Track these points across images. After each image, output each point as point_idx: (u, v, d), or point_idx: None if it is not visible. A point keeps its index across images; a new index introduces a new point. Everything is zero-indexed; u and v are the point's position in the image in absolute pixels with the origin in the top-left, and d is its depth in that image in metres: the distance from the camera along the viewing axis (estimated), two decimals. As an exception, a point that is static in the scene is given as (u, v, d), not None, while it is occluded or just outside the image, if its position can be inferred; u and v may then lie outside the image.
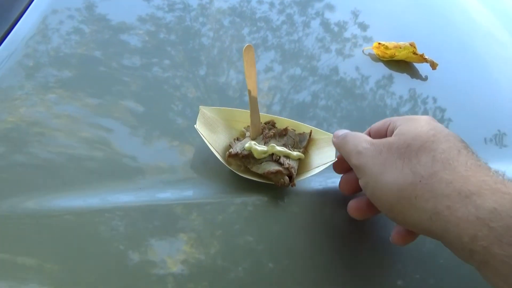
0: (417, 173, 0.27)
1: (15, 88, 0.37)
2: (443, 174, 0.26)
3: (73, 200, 0.31)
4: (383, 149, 0.29)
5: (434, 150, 0.27)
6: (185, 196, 0.33)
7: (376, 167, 0.29)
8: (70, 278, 0.28)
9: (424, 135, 0.28)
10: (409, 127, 0.30)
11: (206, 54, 0.46)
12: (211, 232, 0.32)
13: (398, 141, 0.29)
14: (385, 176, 0.28)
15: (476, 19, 0.67)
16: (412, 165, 0.27)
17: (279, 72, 0.47)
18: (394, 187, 0.27)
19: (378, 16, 0.60)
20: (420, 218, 0.26)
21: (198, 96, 0.41)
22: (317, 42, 0.52)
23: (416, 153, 0.28)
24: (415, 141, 0.28)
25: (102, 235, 0.30)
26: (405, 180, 0.27)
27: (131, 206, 0.32)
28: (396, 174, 0.27)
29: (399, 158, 0.28)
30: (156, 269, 0.29)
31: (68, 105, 0.37)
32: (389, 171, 0.28)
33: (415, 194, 0.26)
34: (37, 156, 0.33)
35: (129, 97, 0.39)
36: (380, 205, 0.29)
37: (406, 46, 0.52)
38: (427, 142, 0.28)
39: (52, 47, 0.41)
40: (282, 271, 0.32)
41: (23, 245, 0.29)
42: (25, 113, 0.35)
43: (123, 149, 0.35)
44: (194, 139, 0.37)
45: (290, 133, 0.38)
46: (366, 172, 0.29)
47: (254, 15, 0.53)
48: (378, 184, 0.28)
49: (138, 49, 0.44)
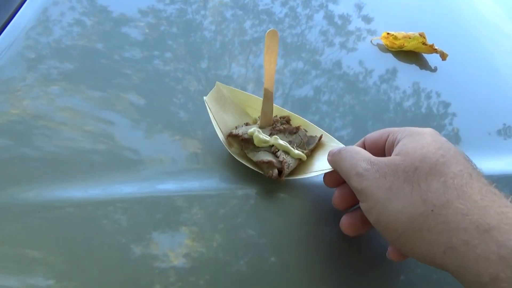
0: (429, 202, 0.25)
1: (16, 80, 0.37)
2: (457, 204, 0.24)
3: (76, 192, 0.31)
4: (388, 172, 0.27)
5: (445, 174, 0.25)
6: (187, 188, 0.34)
7: (381, 192, 0.26)
8: (73, 271, 0.28)
9: (432, 156, 0.26)
10: (414, 144, 0.28)
11: (207, 47, 0.46)
12: (213, 225, 0.32)
13: (404, 163, 0.27)
14: (393, 203, 0.26)
15: (481, 11, 0.66)
16: (422, 191, 0.25)
17: (281, 66, 0.47)
18: (403, 216, 0.25)
19: (383, 9, 0.59)
20: (431, 251, 0.25)
21: (200, 89, 0.41)
22: (320, 35, 0.52)
23: (426, 178, 0.26)
24: (423, 163, 0.26)
25: (105, 228, 0.30)
26: (416, 209, 0.25)
27: (133, 198, 0.32)
28: (404, 202, 0.25)
29: (406, 182, 0.26)
30: (158, 262, 0.30)
31: (71, 98, 0.37)
32: (397, 197, 0.26)
33: (427, 225, 0.25)
34: (42, 149, 0.34)
35: (131, 90, 0.39)
36: (385, 233, 0.27)
37: (416, 36, 0.51)
38: (436, 165, 0.26)
39: (54, 38, 0.41)
40: (284, 265, 0.32)
41: (26, 237, 0.29)
42: (28, 105, 0.35)
43: (126, 142, 0.36)
44: (196, 132, 0.37)
45: (300, 133, 0.38)
46: (369, 197, 0.27)
47: (256, 8, 0.52)
48: (384, 211, 0.26)
49: (139, 41, 0.43)
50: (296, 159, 0.35)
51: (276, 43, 0.34)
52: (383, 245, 0.35)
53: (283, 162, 0.34)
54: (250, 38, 0.49)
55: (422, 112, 0.47)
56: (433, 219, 0.24)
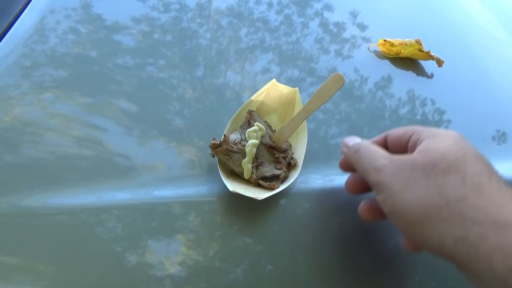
0: (444, 195, 0.25)
1: (11, 88, 0.37)
2: (474, 199, 0.25)
3: (68, 199, 0.31)
4: (406, 167, 0.28)
5: (463, 171, 0.26)
6: (183, 195, 0.34)
7: (398, 185, 0.27)
8: (66, 280, 0.28)
9: (452, 154, 0.27)
10: (436, 144, 0.28)
11: (203, 55, 0.46)
12: (209, 233, 0.32)
13: (423, 159, 0.27)
14: (407, 195, 0.27)
15: (474, 17, 0.68)
16: (438, 185, 0.26)
17: (277, 74, 0.47)
18: (417, 207, 0.26)
19: (377, 16, 0.60)
20: (442, 242, 0.25)
21: (195, 97, 0.42)
22: (315, 43, 0.53)
23: (444, 173, 0.26)
24: (442, 160, 0.27)
25: (99, 236, 0.30)
26: (430, 200, 0.26)
27: (128, 204, 0.32)
28: (419, 193, 0.26)
29: (423, 176, 0.26)
30: (154, 271, 0.30)
31: (63, 105, 0.37)
32: (412, 189, 0.26)
33: (441, 216, 0.25)
34: (31, 155, 0.34)
35: (122, 96, 0.39)
36: (399, 224, 0.28)
37: (412, 43, 0.52)
38: (456, 162, 0.26)
39: (49, 46, 0.41)
40: (281, 273, 0.32)
41: (18, 245, 0.29)
42: (20, 113, 0.36)
43: (118, 149, 0.36)
44: (192, 139, 0.38)
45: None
46: (385, 189, 0.28)
47: (252, 16, 0.53)
48: (398, 202, 0.27)
49: (132, 49, 0.44)
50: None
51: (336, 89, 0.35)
52: (380, 257, 0.35)
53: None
54: (246, 46, 0.49)
55: (418, 119, 0.47)
56: (447, 211, 0.25)
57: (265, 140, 0.37)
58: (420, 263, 0.35)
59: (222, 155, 0.35)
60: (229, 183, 0.33)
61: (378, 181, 0.29)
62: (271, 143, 0.38)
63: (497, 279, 0.23)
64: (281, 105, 0.42)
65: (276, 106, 0.42)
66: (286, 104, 0.42)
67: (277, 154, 0.37)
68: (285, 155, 0.38)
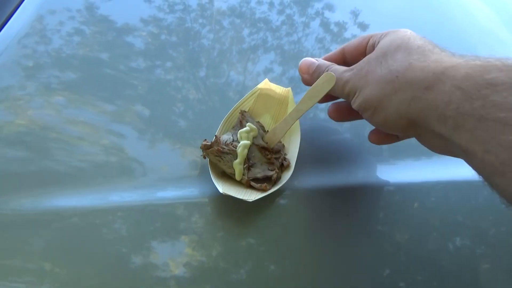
0: (394, 70, 0.28)
1: (15, 88, 0.37)
2: (417, 63, 0.27)
3: (75, 201, 0.32)
4: (363, 65, 0.31)
5: (410, 48, 0.29)
6: (186, 197, 0.34)
7: (361, 81, 0.30)
8: (73, 280, 0.29)
9: (399, 40, 0.30)
10: (387, 40, 0.31)
11: (206, 55, 0.46)
12: (213, 234, 0.32)
13: (376, 53, 0.31)
14: (368, 85, 0.30)
15: (476, 15, 0.68)
16: (388, 64, 0.29)
17: (279, 74, 0.47)
18: (376, 91, 0.29)
19: (379, 16, 0.60)
20: (399, 111, 0.28)
21: (198, 98, 0.42)
22: (317, 42, 0.53)
23: (392, 54, 0.29)
24: (391, 46, 0.30)
25: (105, 237, 0.31)
26: (384, 80, 0.28)
27: (133, 206, 0.32)
28: (376, 79, 0.29)
29: (377, 65, 0.30)
30: (158, 272, 0.30)
31: (80, 110, 0.38)
32: (371, 78, 0.30)
33: (394, 90, 0.28)
34: (45, 160, 0.34)
35: (137, 101, 0.40)
36: (365, 113, 0.31)
37: None
38: (402, 43, 0.29)
39: (53, 48, 0.41)
40: (284, 273, 0.32)
41: (27, 248, 0.29)
42: (34, 116, 0.36)
43: (132, 153, 0.36)
44: (195, 141, 0.38)
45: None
46: (355, 91, 0.31)
47: (253, 16, 0.53)
48: (363, 93, 0.30)
49: (142, 51, 0.44)
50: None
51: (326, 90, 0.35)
52: (383, 256, 0.35)
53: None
54: (248, 46, 0.49)
55: None
56: (398, 83, 0.28)
57: (257, 141, 0.37)
58: (422, 263, 0.35)
59: (213, 156, 0.35)
60: (219, 185, 0.33)
61: (348, 90, 0.32)
62: (263, 144, 0.38)
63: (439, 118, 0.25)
64: (274, 105, 0.42)
65: (269, 106, 0.42)
66: (279, 104, 0.42)
67: (270, 155, 0.37)
68: (277, 156, 0.38)
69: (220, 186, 0.33)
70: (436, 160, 0.44)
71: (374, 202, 0.37)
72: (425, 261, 0.35)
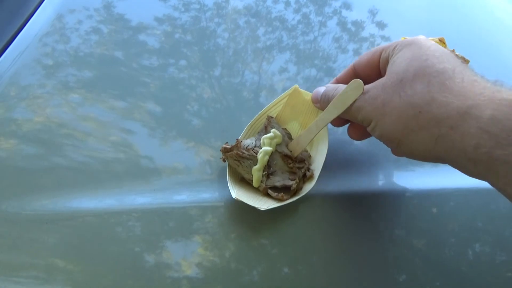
0: (416, 105, 0.27)
1: (34, 87, 0.38)
2: (440, 98, 0.26)
3: (90, 202, 0.32)
4: (378, 93, 0.30)
5: (428, 75, 0.27)
6: (200, 198, 0.34)
7: (377, 112, 0.29)
8: (88, 279, 0.29)
9: (416, 63, 0.28)
10: (401, 58, 0.30)
11: (221, 54, 0.46)
12: (226, 234, 0.32)
13: (391, 79, 0.29)
14: (387, 117, 0.29)
15: (498, 16, 0.66)
16: (408, 97, 0.28)
17: (294, 73, 0.47)
18: (398, 125, 0.28)
19: (397, 15, 0.59)
20: (426, 147, 0.27)
21: (213, 97, 0.42)
22: (333, 42, 0.52)
23: (410, 84, 0.28)
24: (407, 72, 0.28)
25: (119, 237, 0.31)
26: (406, 115, 0.28)
27: (147, 207, 0.33)
28: (396, 112, 0.28)
29: (395, 94, 0.28)
30: (171, 272, 0.30)
31: (93, 107, 0.38)
32: (389, 110, 0.29)
33: (418, 126, 0.27)
34: (62, 158, 0.34)
35: (149, 98, 0.40)
36: (389, 143, 0.30)
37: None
38: (419, 69, 0.28)
39: (72, 46, 0.42)
40: (297, 276, 0.32)
41: (43, 246, 0.30)
42: (51, 114, 0.36)
43: (143, 151, 0.36)
44: (210, 140, 0.38)
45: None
46: (370, 120, 0.30)
47: (269, 15, 0.53)
48: (383, 126, 0.29)
49: (156, 49, 0.44)
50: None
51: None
52: (401, 254, 0.35)
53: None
54: (263, 45, 0.49)
55: None
56: (422, 119, 0.27)
57: (280, 149, 0.36)
58: (440, 269, 0.34)
59: (232, 160, 0.35)
60: (234, 189, 0.33)
61: (362, 117, 0.31)
62: (287, 152, 0.36)
63: (470, 160, 0.25)
64: (303, 113, 0.40)
65: (298, 113, 0.40)
66: (308, 112, 0.40)
67: (292, 164, 0.36)
68: (301, 165, 0.36)
69: (234, 190, 0.33)
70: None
71: (391, 207, 0.36)
72: (442, 267, 0.34)
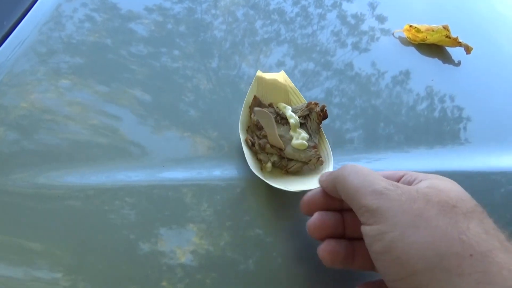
0: (468, 244, 0.21)
1: (27, 73, 0.39)
2: (502, 256, 0.21)
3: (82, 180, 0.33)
4: (419, 198, 0.24)
5: (484, 222, 0.23)
6: (195, 178, 0.35)
7: (407, 217, 0.23)
8: (80, 265, 0.29)
9: (470, 200, 0.24)
10: (445, 185, 0.25)
11: (218, 46, 0.47)
12: (221, 223, 0.33)
13: (439, 197, 0.24)
14: (419, 232, 0.22)
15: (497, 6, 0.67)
16: (460, 230, 0.22)
17: (291, 67, 0.48)
18: (429, 251, 0.22)
19: (397, 8, 0.60)
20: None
21: (210, 88, 0.43)
22: (332, 35, 0.53)
23: (465, 217, 0.23)
24: (462, 203, 0.23)
25: (112, 222, 0.32)
26: (450, 247, 0.21)
27: (141, 187, 0.33)
28: (437, 234, 0.22)
29: (441, 215, 0.23)
30: (166, 259, 0.31)
31: (79, 92, 0.39)
32: (427, 227, 0.22)
33: (461, 270, 0.21)
34: (45, 142, 0.35)
35: (136, 85, 0.41)
36: (393, 267, 0.23)
37: (439, 29, 0.52)
38: (475, 211, 0.23)
39: (66, 34, 0.42)
40: (291, 266, 0.33)
41: (32, 229, 0.30)
42: (36, 99, 0.37)
43: (132, 137, 0.37)
44: (207, 130, 0.39)
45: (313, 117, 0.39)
46: (387, 219, 0.23)
47: (268, 7, 0.54)
48: (403, 239, 0.22)
49: (144, 38, 0.45)
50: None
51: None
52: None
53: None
54: (261, 38, 0.50)
55: (446, 106, 0.48)
56: (470, 265, 0.21)
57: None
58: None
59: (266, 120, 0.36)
60: (259, 172, 0.35)
61: (377, 206, 0.24)
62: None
63: None
64: (272, 93, 0.42)
65: (268, 96, 0.42)
66: (276, 91, 0.42)
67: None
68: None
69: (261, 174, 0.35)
70: (450, 149, 0.44)
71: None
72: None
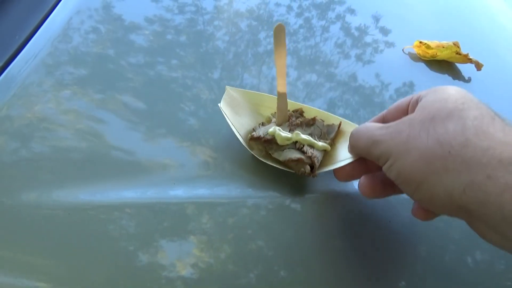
0: (446, 143, 0.25)
1: (34, 85, 0.40)
2: (477, 142, 0.24)
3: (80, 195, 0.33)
4: (403, 127, 0.28)
5: (464, 117, 0.26)
6: (196, 195, 0.35)
7: (399, 147, 0.27)
8: (76, 277, 0.30)
9: (451, 103, 0.27)
10: (434, 98, 0.28)
11: (220, 57, 0.48)
12: (222, 235, 0.34)
13: (421, 115, 0.28)
14: (410, 154, 0.27)
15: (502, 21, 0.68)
16: (438, 135, 0.26)
17: (294, 78, 0.49)
18: (420, 163, 0.26)
19: (401, 21, 0.62)
20: (450, 194, 0.25)
21: (211, 98, 0.44)
22: (335, 47, 0.54)
23: (443, 122, 0.26)
24: (441, 111, 0.27)
25: (111, 234, 0.32)
26: (433, 153, 0.26)
27: (141, 204, 0.34)
28: (421, 149, 0.26)
29: (422, 130, 0.27)
30: (166, 272, 0.31)
31: (78, 101, 0.40)
32: (413, 147, 0.27)
33: (445, 167, 0.25)
34: (40, 152, 0.36)
35: (131, 93, 0.41)
36: (406, 187, 0.28)
37: (450, 45, 0.53)
38: (455, 110, 0.26)
39: (72, 46, 0.44)
40: (294, 280, 0.33)
41: (28, 241, 0.31)
42: (38, 109, 0.38)
43: (122, 145, 0.38)
44: (208, 141, 0.40)
45: (318, 123, 0.40)
46: (389, 156, 0.28)
47: (271, 19, 0.56)
48: (402, 164, 0.27)
49: (143, 48, 0.46)
50: (321, 151, 0.37)
51: (283, 37, 0.37)
52: (400, 260, 0.36)
53: (312, 157, 0.36)
54: (264, 49, 0.51)
55: None
56: (452, 161, 0.25)
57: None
58: (439, 277, 0.35)
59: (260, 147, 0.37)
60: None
61: (380, 152, 0.29)
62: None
63: (506, 219, 0.23)
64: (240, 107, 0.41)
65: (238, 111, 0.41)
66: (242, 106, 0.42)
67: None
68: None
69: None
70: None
71: (388, 211, 0.38)
72: (442, 274, 0.35)
